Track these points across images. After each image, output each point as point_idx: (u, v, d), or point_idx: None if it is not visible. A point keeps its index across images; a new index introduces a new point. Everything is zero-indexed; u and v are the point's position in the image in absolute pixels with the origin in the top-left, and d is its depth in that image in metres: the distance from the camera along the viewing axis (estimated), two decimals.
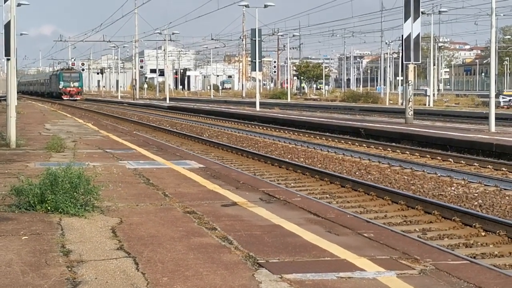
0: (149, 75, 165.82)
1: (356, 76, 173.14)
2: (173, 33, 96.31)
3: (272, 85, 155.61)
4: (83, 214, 9.76)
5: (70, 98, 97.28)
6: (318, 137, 30.30)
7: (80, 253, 7.72)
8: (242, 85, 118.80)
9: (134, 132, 31.39)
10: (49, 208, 9.91)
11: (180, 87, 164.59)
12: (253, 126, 38.33)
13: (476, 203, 14.06)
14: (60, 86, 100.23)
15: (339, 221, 9.78)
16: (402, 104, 60.46)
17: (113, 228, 9.04)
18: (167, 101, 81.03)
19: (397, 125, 32.82)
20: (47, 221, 9.47)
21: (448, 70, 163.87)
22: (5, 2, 20.47)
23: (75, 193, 10.00)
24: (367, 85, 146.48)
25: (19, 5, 46.58)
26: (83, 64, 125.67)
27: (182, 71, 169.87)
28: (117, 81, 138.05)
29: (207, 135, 32.33)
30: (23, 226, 9.11)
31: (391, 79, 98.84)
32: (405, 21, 33.20)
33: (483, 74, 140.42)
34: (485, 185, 16.31)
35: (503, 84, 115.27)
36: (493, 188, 15.85)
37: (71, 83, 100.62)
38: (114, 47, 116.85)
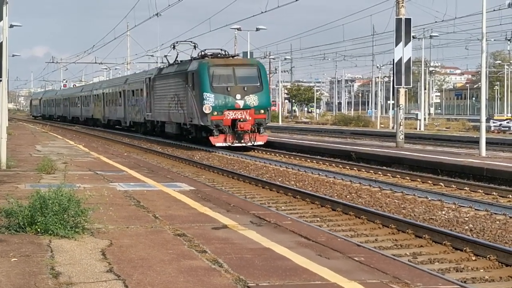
0: None
1: (347, 99, 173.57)
2: (165, 56, 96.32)
3: None
4: (73, 236, 9.73)
5: (236, 143, 35.53)
6: (309, 160, 30.30)
7: (70, 275, 7.68)
8: None
9: (125, 154, 31.34)
10: (39, 230, 9.87)
11: None
12: (244, 149, 38.26)
13: (466, 227, 14.08)
14: (206, 109, 35.34)
15: (329, 245, 9.76)
16: (393, 127, 60.60)
17: (103, 250, 9.01)
18: None
19: (388, 148, 32.87)
20: (37, 243, 9.43)
21: (439, 94, 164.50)
22: None
23: (65, 215, 9.96)
24: (358, 109, 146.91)
25: (11, 26, 46.77)
26: (75, 86, 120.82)
27: None
28: None
29: (198, 157, 32.31)
30: (13, 247, 9.07)
31: (382, 103, 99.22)
32: (396, 46, 33.32)
33: (473, 98, 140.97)
34: (475, 209, 16.32)
35: (494, 108, 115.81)
36: (483, 212, 15.87)
37: (240, 96, 35.66)
38: (106, 69, 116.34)
